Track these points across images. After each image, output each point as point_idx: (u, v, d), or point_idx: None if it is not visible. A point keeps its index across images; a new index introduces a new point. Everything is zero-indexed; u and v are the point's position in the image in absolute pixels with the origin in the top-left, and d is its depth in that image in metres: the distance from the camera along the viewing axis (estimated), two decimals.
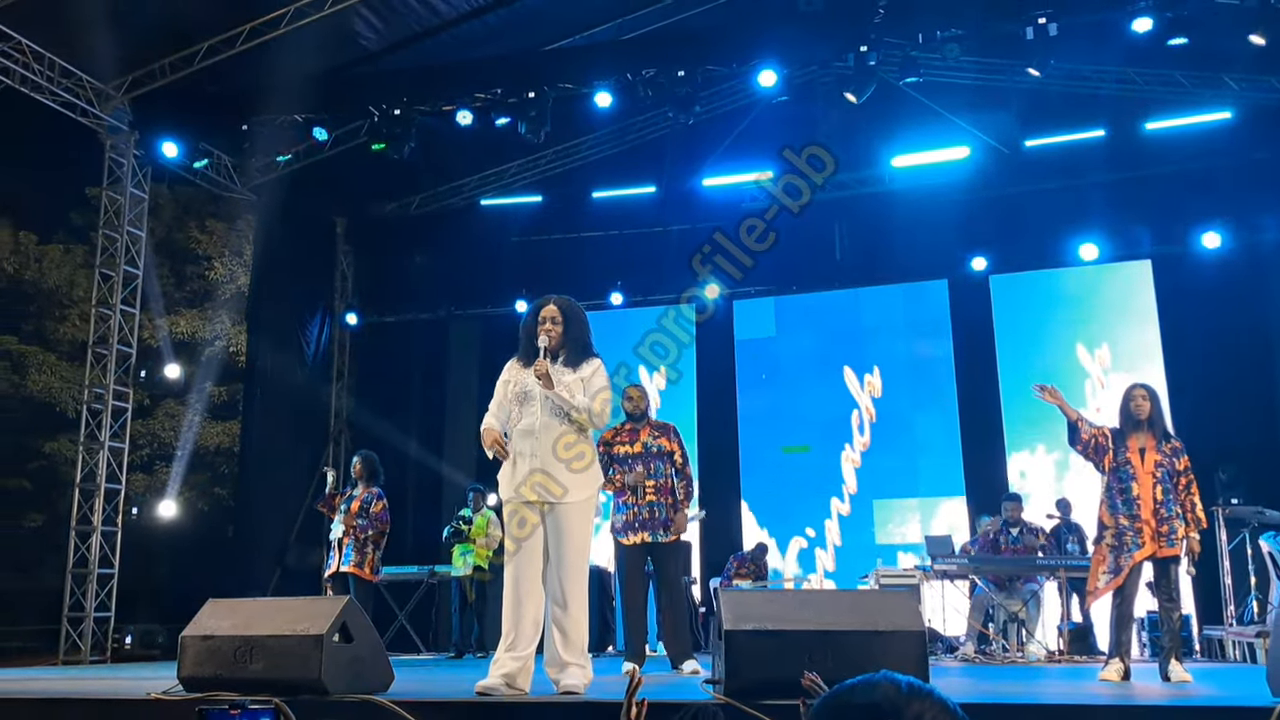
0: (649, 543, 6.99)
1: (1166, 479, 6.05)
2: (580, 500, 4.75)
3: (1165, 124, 12.17)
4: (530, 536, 4.69)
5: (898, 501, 12.97)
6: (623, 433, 7.19)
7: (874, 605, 4.12)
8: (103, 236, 12.11)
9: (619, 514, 7.10)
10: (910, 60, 11.05)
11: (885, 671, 1.58)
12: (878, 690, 1.54)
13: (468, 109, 11.61)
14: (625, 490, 7.05)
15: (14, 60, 10.81)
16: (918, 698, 1.53)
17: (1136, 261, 12.63)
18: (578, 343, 4.92)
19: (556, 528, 4.69)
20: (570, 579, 4.65)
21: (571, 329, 4.92)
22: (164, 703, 4.32)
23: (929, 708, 1.51)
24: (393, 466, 10.60)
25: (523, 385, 4.83)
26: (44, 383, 18.48)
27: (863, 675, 1.59)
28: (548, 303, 4.96)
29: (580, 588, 4.69)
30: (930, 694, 1.54)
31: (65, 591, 11.40)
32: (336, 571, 8.79)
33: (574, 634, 4.64)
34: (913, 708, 1.51)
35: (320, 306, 14.52)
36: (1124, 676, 5.88)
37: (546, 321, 4.89)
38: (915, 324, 13.34)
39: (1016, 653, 9.41)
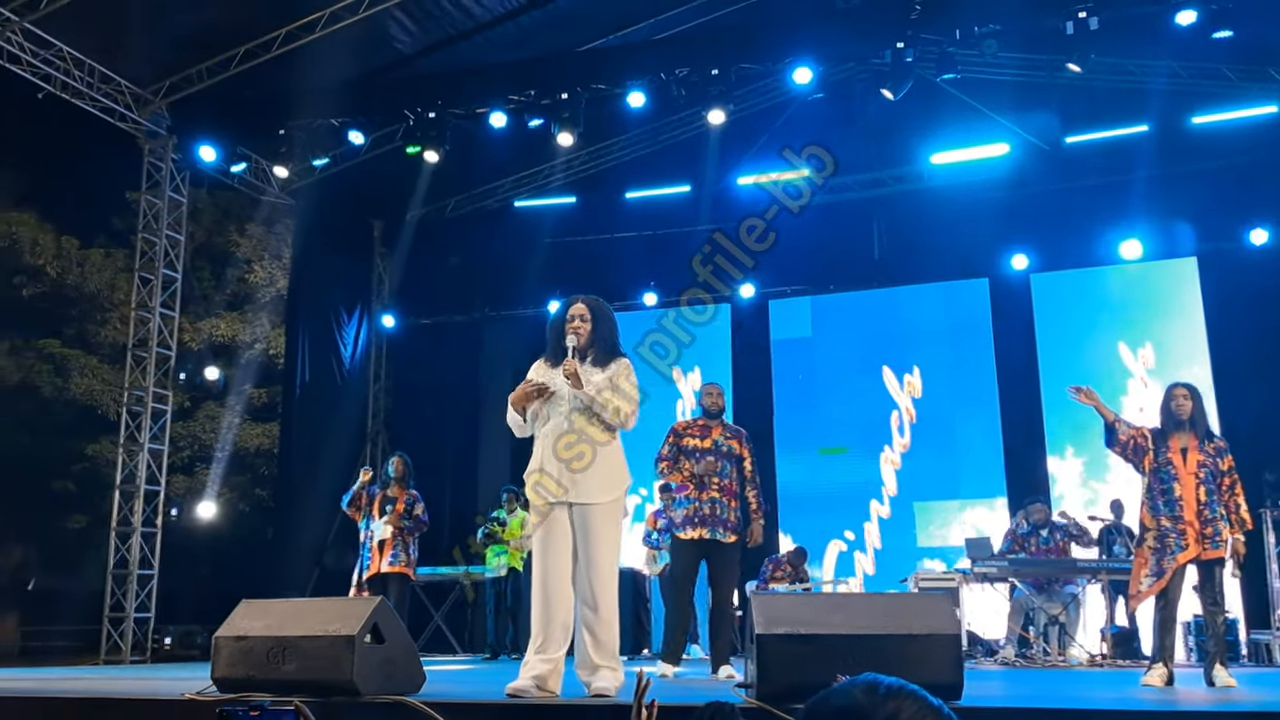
0: (707, 539, 6.85)
1: (1210, 479, 5.94)
2: (608, 501, 4.70)
3: (1210, 119, 11.97)
4: (552, 537, 4.66)
5: (939, 504, 12.82)
6: (695, 427, 7.13)
7: (908, 608, 4.05)
8: (142, 240, 12.23)
9: (679, 509, 6.97)
10: (948, 56, 10.94)
11: (869, 674, 1.56)
12: (849, 695, 1.51)
13: (501, 111, 11.63)
14: (690, 483, 6.92)
15: (55, 67, 10.94)
16: (894, 698, 1.51)
17: (1181, 259, 12.41)
18: (606, 342, 4.88)
19: (585, 529, 4.65)
20: (600, 580, 4.61)
21: (600, 328, 4.87)
22: (195, 703, 4.32)
23: (906, 706, 1.49)
24: (428, 468, 10.63)
25: (551, 386, 4.80)
26: (86, 385, 18.69)
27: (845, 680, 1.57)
28: (576, 301, 4.93)
29: (610, 589, 4.65)
30: (912, 694, 1.51)
31: (106, 592, 11.52)
32: (377, 573, 8.83)
33: (604, 636, 4.60)
34: (887, 707, 1.49)
35: (357, 309, 14.61)
36: (1168, 681, 5.77)
37: (575, 320, 4.85)
38: (955, 324, 13.19)
39: (1057, 656, 9.27)
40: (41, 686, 5.58)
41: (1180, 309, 12.37)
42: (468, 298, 14.77)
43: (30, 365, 18.74)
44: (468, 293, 14.76)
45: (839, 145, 13.10)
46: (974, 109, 12.47)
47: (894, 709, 1.47)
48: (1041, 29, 10.64)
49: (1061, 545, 9.86)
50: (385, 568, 8.80)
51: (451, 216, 14.69)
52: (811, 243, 13.31)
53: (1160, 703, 4.69)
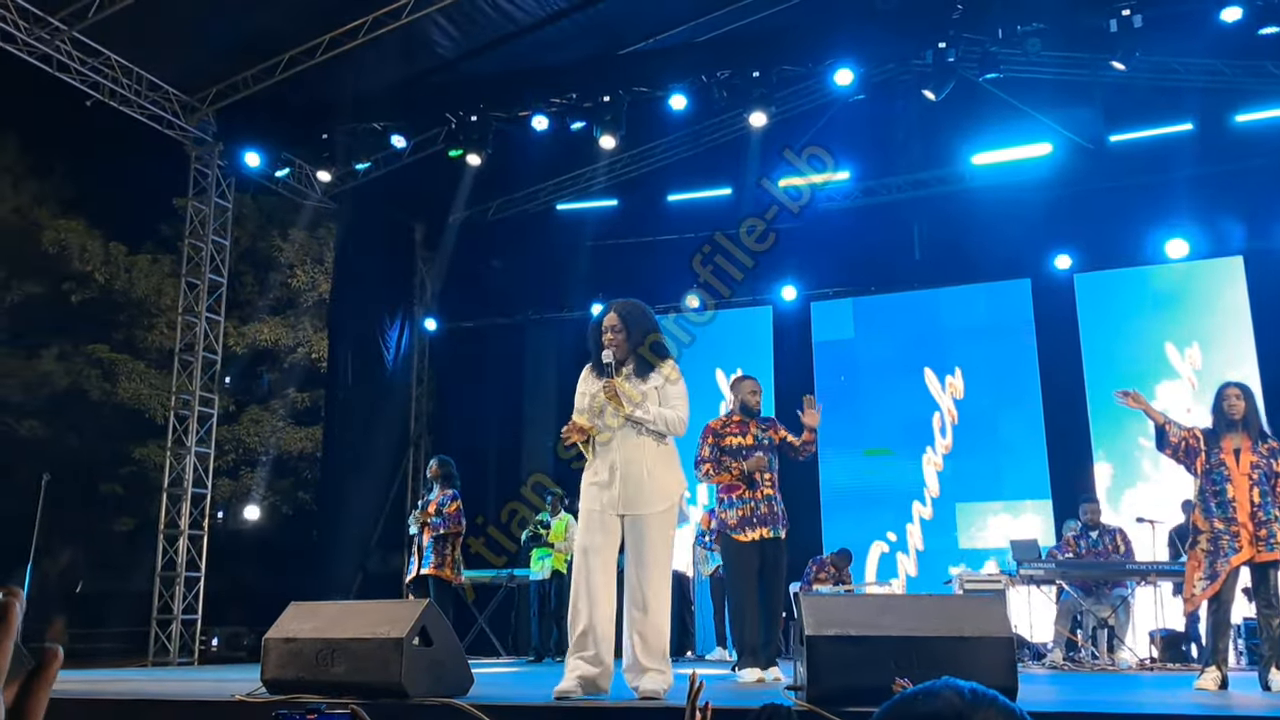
0: (768, 538, 6.74)
1: (1264, 480, 5.86)
2: (662, 510, 4.69)
3: (1256, 116, 11.82)
4: (602, 546, 4.65)
5: (981, 505, 12.74)
6: (732, 424, 6.98)
7: (959, 611, 4.03)
8: (188, 246, 12.36)
9: (730, 509, 6.79)
10: (990, 56, 10.87)
11: (947, 678, 1.53)
12: (940, 699, 1.49)
13: (543, 114, 11.67)
14: (740, 483, 6.83)
15: (103, 75, 11.09)
16: (982, 706, 1.48)
17: (1227, 258, 12.26)
18: (643, 349, 4.83)
19: (638, 536, 4.65)
20: (652, 585, 4.61)
21: (635, 336, 4.82)
22: (246, 705, 4.36)
23: (994, 716, 1.46)
24: (472, 471, 10.67)
25: (599, 401, 4.78)
26: (134, 390, 18.93)
27: (923, 684, 1.54)
28: (608, 311, 4.86)
29: (663, 594, 4.65)
30: (995, 701, 1.49)
31: (154, 594, 11.64)
32: (418, 575, 8.86)
33: (654, 639, 4.59)
34: (977, 715, 1.46)
35: (400, 312, 14.68)
36: (1221, 685, 5.70)
37: (608, 332, 4.79)
38: (998, 324, 13.10)
39: (1106, 660, 9.18)
40: (91, 688, 5.64)
41: (1227, 308, 12.22)
42: (510, 301, 14.81)
43: (79, 370, 19.01)
44: (510, 296, 14.80)
45: (880, 147, 13.08)
46: (1016, 109, 12.38)
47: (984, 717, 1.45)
48: (1084, 27, 10.54)
49: (1110, 548, 9.75)
50: (422, 570, 8.84)
51: (493, 220, 14.74)
52: (853, 244, 13.28)
53: (1217, 707, 4.63)
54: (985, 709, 1.45)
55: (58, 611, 16.96)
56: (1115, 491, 12.11)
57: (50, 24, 10.44)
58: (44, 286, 19.18)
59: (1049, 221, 12.48)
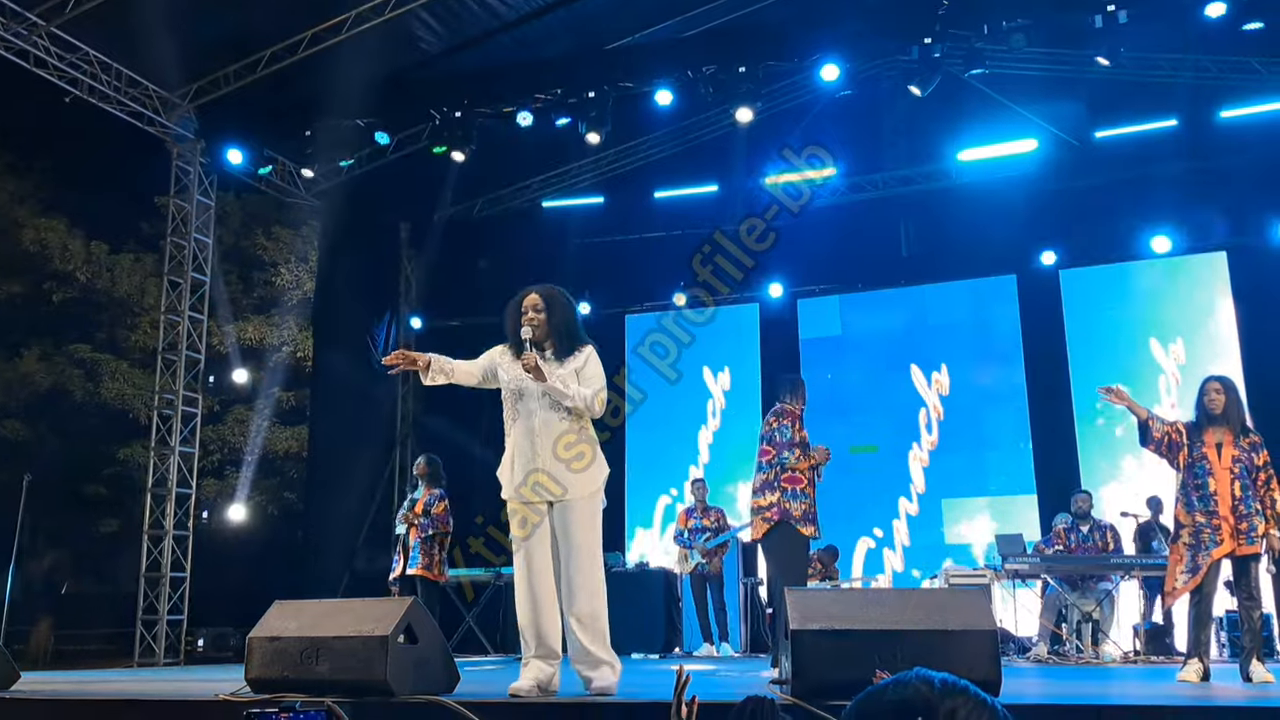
0: (818, 538, 6.86)
1: (1245, 474, 5.88)
2: (584, 496, 4.62)
3: (1240, 112, 11.84)
4: (532, 537, 4.60)
5: (967, 500, 12.76)
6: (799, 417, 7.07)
7: (944, 604, 4.02)
8: (170, 244, 12.30)
9: (794, 501, 6.81)
10: (975, 52, 10.90)
11: (919, 669, 1.53)
12: (910, 688, 1.49)
13: (528, 110, 11.64)
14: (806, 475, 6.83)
15: (82, 71, 11.01)
16: (951, 695, 1.48)
17: (1211, 254, 12.31)
18: (563, 332, 4.78)
19: (564, 526, 4.59)
20: (582, 571, 4.54)
21: (555, 317, 4.77)
22: (230, 704, 4.33)
23: (963, 704, 1.46)
24: (459, 469, 10.61)
25: (517, 382, 4.73)
26: (117, 390, 18.83)
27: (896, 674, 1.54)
28: (529, 292, 4.84)
29: (594, 583, 4.56)
30: (965, 690, 1.49)
31: (139, 595, 11.59)
32: (403, 574, 8.83)
33: (592, 625, 4.53)
34: (946, 705, 1.46)
35: (385, 310, 14.60)
36: (1203, 677, 5.71)
37: (529, 311, 4.77)
38: (983, 321, 13.13)
39: (1091, 653, 9.20)
40: (77, 689, 5.61)
41: (1211, 304, 12.27)
42: (496, 298, 14.53)
43: (61, 370, 18.90)
44: (496, 293, 14.49)
45: (866, 143, 13.07)
46: (1002, 105, 12.40)
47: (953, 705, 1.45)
48: (1069, 23, 10.57)
49: (1101, 544, 9.78)
50: (409, 570, 8.81)
51: (479, 217, 14.68)
52: (839, 241, 13.26)
53: (1198, 698, 4.64)
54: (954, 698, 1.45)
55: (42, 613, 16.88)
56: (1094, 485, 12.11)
57: (27, 19, 10.36)
58: (25, 286, 19.07)
59: (1034, 218, 12.52)
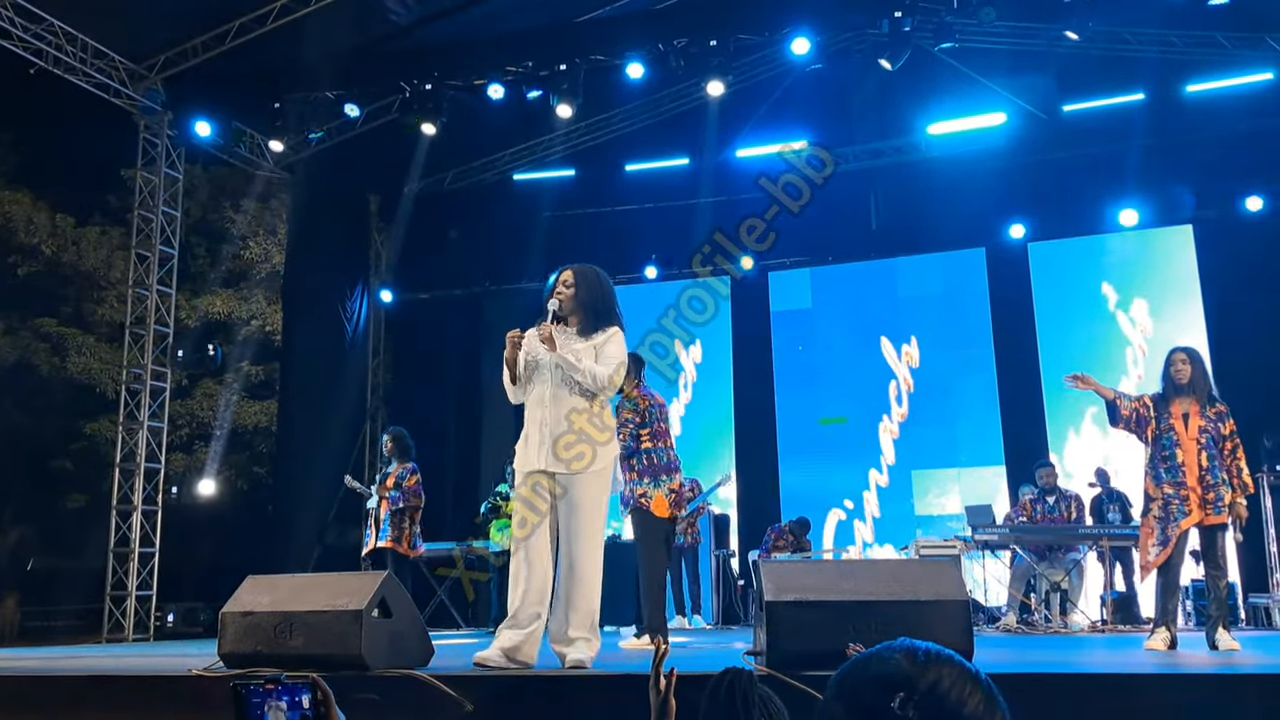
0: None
1: (1211, 444, 5.95)
2: (594, 470, 4.61)
3: (1206, 86, 11.95)
4: (533, 536, 4.57)
5: (937, 472, 12.88)
6: None
7: (916, 575, 4.06)
8: (138, 217, 12.16)
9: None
10: (945, 25, 10.90)
11: (903, 639, 1.54)
12: (891, 662, 1.50)
13: (499, 83, 11.57)
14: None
15: (47, 42, 10.84)
16: (934, 664, 1.49)
17: (1178, 227, 12.45)
18: (590, 308, 4.76)
19: (569, 498, 4.58)
20: (583, 548, 4.55)
21: (582, 293, 4.76)
22: (204, 679, 4.33)
23: (946, 674, 1.47)
24: (430, 443, 10.60)
25: (533, 353, 4.74)
26: (84, 364, 18.65)
27: (880, 644, 1.55)
28: (566, 270, 4.85)
29: (595, 558, 4.58)
30: (950, 660, 1.50)
31: (108, 571, 11.51)
32: (374, 548, 8.82)
33: (584, 605, 4.54)
34: (928, 675, 1.47)
35: (355, 284, 14.53)
36: (1170, 645, 5.80)
37: (560, 286, 4.78)
38: (953, 293, 13.22)
39: (1059, 623, 9.32)
40: (45, 665, 5.58)
41: (1177, 276, 12.41)
42: (467, 272, 14.72)
43: (27, 344, 18.68)
44: (467, 267, 14.70)
45: (836, 116, 13.08)
46: (971, 79, 12.43)
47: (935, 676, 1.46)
48: None
49: (1066, 514, 9.89)
50: (379, 542, 8.80)
51: (449, 190, 14.61)
52: (810, 214, 13.14)
53: (1165, 666, 4.72)
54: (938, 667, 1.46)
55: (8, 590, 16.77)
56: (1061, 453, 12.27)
57: None
58: None
59: (1003, 191, 12.61)
